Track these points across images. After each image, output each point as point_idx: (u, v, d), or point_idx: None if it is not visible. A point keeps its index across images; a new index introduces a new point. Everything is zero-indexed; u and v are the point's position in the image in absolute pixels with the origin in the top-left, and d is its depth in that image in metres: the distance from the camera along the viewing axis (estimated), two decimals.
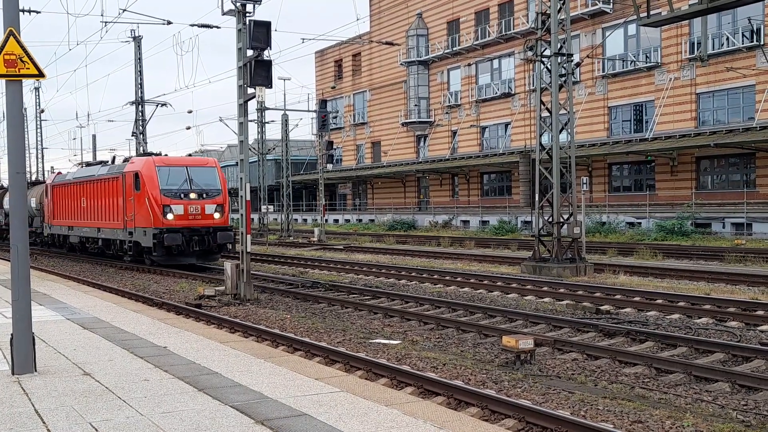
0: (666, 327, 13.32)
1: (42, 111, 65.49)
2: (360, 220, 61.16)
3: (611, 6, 43.22)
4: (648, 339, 12.01)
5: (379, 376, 9.91)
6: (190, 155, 34.91)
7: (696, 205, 37.50)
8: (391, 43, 41.58)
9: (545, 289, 18.44)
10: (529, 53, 23.78)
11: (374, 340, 12.80)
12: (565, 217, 23.00)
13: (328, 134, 49.63)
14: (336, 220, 63.55)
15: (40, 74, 8.12)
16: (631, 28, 42.21)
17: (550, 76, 22.66)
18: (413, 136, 59.14)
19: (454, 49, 53.68)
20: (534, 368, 10.40)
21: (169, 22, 28.31)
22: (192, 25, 26.48)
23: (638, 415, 7.94)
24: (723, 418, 7.99)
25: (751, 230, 34.89)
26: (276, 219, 60.79)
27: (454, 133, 54.67)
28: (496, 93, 50.99)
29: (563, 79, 22.94)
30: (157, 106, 41.51)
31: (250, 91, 18.67)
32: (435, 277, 21.56)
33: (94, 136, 57.44)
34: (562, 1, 22.48)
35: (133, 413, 6.48)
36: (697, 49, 37.71)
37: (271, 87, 18.48)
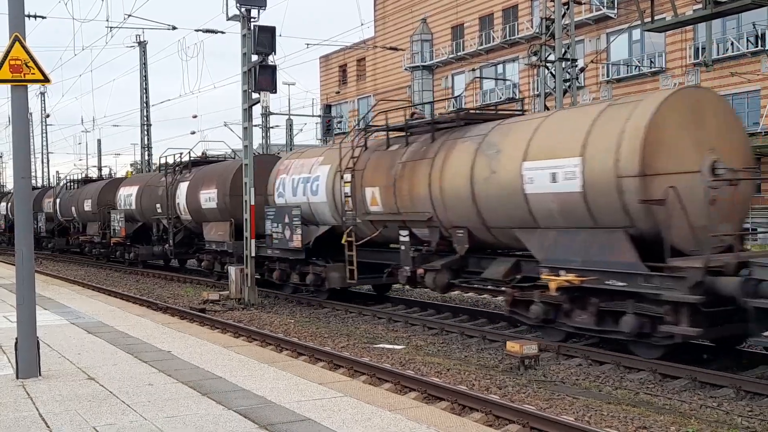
0: None
1: (47, 116, 65.62)
2: None
3: (615, 11, 43.22)
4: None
5: (383, 381, 9.90)
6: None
7: None
8: (395, 49, 41.62)
9: None
10: (534, 58, 23.81)
11: (378, 345, 12.79)
12: None
13: (332, 139, 49.66)
14: None
15: (46, 79, 8.14)
16: (636, 34, 42.17)
17: (555, 81, 22.66)
18: None
19: (459, 54, 53.71)
20: (538, 374, 10.38)
21: (174, 28, 28.42)
22: (197, 31, 26.59)
23: (643, 421, 7.92)
24: (728, 424, 7.96)
25: (756, 236, 34.78)
26: None
27: None
28: (501, 98, 51.00)
29: (567, 84, 22.94)
30: None
31: (255, 96, 18.70)
32: None
33: (99, 141, 57.67)
34: (566, 7, 22.48)
35: (138, 418, 6.48)
36: (702, 54, 37.65)
37: (275, 92, 18.55)
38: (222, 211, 21.71)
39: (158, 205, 26.60)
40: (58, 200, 39.15)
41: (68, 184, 39.72)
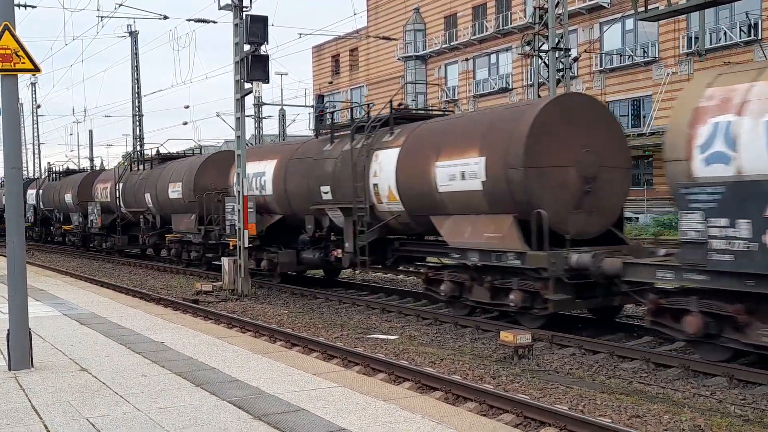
0: None
1: (38, 106, 65.29)
2: None
3: (609, 1, 43.17)
4: (646, 334, 12.00)
5: (377, 372, 9.91)
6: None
7: None
8: (388, 38, 41.51)
9: None
10: (527, 48, 23.77)
11: (372, 336, 12.79)
12: None
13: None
14: None
15: (36, 69, 8.08)
16: (629, 23, 42.14)
17: (548, 71, 22.63)
18: None
19: (452, 44, 53.59)
20: (532, 363, 10.40)
21: (165, 17, 28.25)
22: (188, 20, 26.41)
23: (636, 410, 7.94)
24: (721, 413, 7.99)
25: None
26: None
27: None
28: (494, 88, 50.94)
29: (561, 74, 22.92)
30: None
31: (247, 86, 18.63)
32: None
33: (90, 132, 57.32)
34: None
35: (131, 409, 6.46)
36: (695, 44, 37.68)
37: (268, 82, 18.48)
38: (497, 197, 12.57)
39: (324, 189, 16.83)
40: (120, 186, 29.81)
41: (133, 163, 30.32)
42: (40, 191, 39.82)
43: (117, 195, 29.82)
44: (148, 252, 31.13)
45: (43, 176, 46.24)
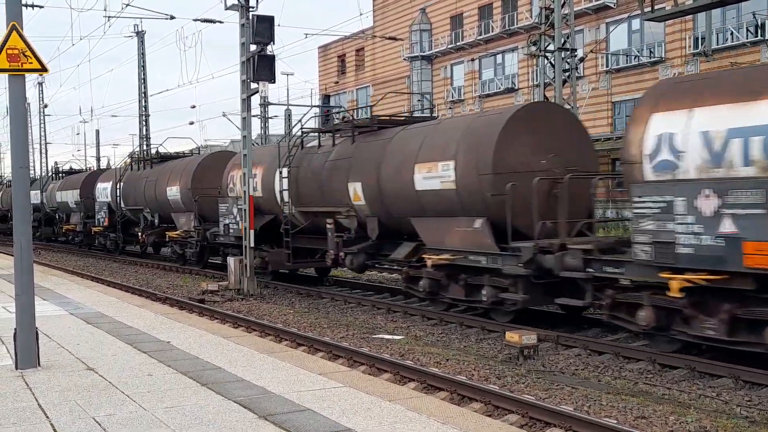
0: None
1: (45, 106, 65.44)
2: None
3: (615, 1, 43.08)
4: None
5: (382, 372, 9.91)
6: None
7: None
8: (394, 38, 41.49)
9: None
10: (533, 48, 23.72)
11: (377, 336, 12.79)
12: None
13: None
14: None
15: (43, 69, 8.10)
16: (635, 23, 42.06)
17: (554, 72, 22.59)
18: None
19: (458, 44, 53.56)
20: (537, 364, 10.39)
21: (172, 17, 28.34)
22: (195, 20, 26.45)
23: (642, 411, 7.93)
24: (727, 414, 7.97)
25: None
26: None
27: None
28: (500, 88, 50.89)
29: (567, 74, 22.87)
30: None
31: (253, 86, 18.67)
32: None
33: (97, 131, 57.38)
34: None
35: (137, 408, 6.48)
36: (702, 44, 37.55)
37: (274, 82, 18.51)
38: None
39: None
40: (284, 173, 18.36)
41: (306, 136, 19.03)
42: (119, 185, 29.53)
43: (279, 188, 18.62)
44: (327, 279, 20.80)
45: (119, 166, 34.22)
